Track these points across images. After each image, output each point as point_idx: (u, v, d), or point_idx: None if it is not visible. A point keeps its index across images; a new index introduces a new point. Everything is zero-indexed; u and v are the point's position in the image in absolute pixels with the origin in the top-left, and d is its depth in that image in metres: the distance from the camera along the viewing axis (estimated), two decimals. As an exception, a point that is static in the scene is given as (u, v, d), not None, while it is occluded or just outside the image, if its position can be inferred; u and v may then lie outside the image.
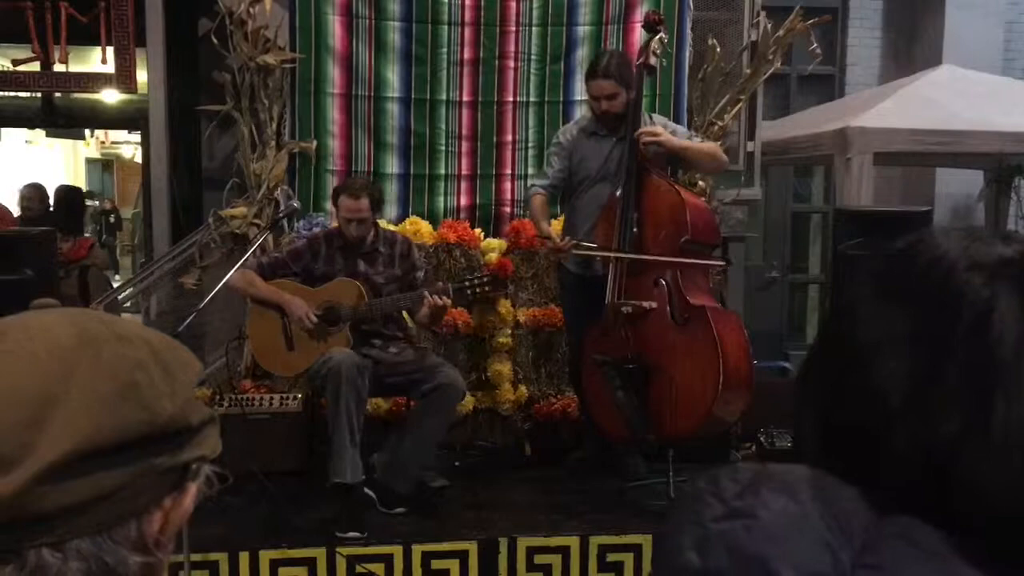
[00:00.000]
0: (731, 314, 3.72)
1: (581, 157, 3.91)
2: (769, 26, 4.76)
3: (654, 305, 3.58)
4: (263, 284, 3.75)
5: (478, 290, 3.63)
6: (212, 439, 0.74)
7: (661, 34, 3.84)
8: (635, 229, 3.67)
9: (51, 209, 5.33)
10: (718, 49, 4.72)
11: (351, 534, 3.37)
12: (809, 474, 0.62)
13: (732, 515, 0.60)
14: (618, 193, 3.72)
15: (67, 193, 5.63)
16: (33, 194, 5.30)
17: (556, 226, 4.44)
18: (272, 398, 4.18)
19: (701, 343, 3.46)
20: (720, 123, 4.72)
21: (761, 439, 4.31)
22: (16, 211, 5.46)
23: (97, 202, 13.97)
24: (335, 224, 4.37)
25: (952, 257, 0.61)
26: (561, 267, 4.11)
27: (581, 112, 4.79)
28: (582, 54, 4.82)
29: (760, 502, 0.60)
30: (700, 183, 4.62)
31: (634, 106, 3.77)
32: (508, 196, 4.84)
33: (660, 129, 3.73)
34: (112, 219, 14.04)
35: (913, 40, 7.56)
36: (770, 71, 4.82)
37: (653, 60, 3.79)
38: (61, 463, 0.62)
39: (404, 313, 3.89)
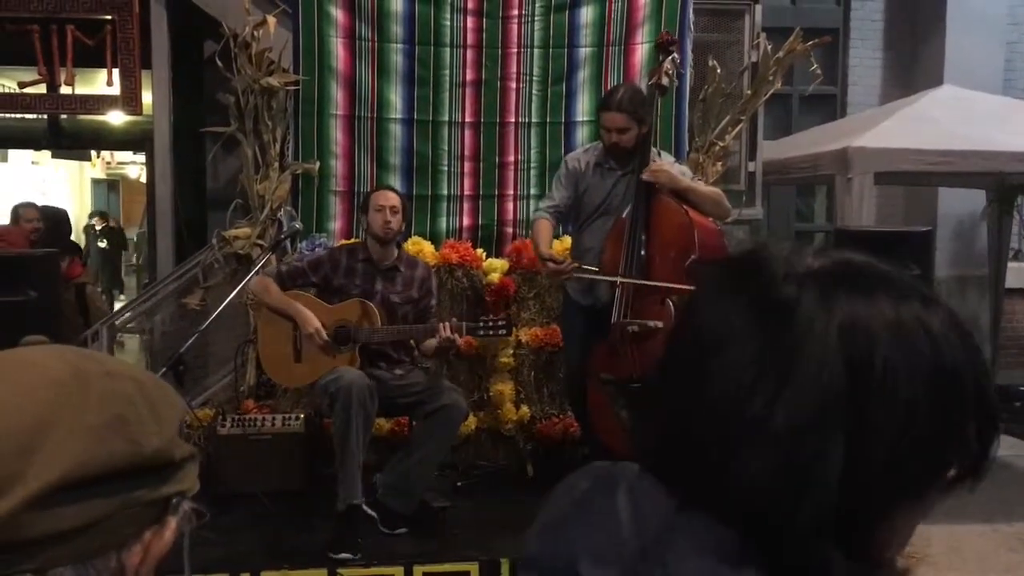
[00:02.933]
0: None
1: (587, 188, 3.87)
2: (769, 47, 4.79)
3: (660, 325, 3.55)
4: (278, 293, 3.75)
5: (491, 332, 3.64)
6: (192, 475, 0.76)
7: (674, 55, 3.83)
8: (643, 252, 3.65)
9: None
10: (719, 70, 4.76)
11: (343, 555, 3.36)
12: (630, 472, 0.71)
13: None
14: (625, 214, 3.71)
15: (54, 215, 5.64)
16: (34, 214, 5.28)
17: (558, 247, 4.45)
18: (274, 418, 4.18)
19: None
20: (721, 144, 4.75)
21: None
22: None
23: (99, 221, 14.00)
24: (340, 243, 4.41)
25: (773, 268, 0.69)
26: (564, 293, 4.09)
27: (583, 133, 4.83)
28: (583, 75, 4.86)
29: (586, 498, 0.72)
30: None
31: (644, 137, 3.74)
32: (510, 216, 4.86)
33: (667, 166, 3.71)
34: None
35: (914, 60, 7.61)
36: (770, 92, 4.85)
37: (665, 81, 3.78)
38: (49, 491, 0.64)
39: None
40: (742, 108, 4.80)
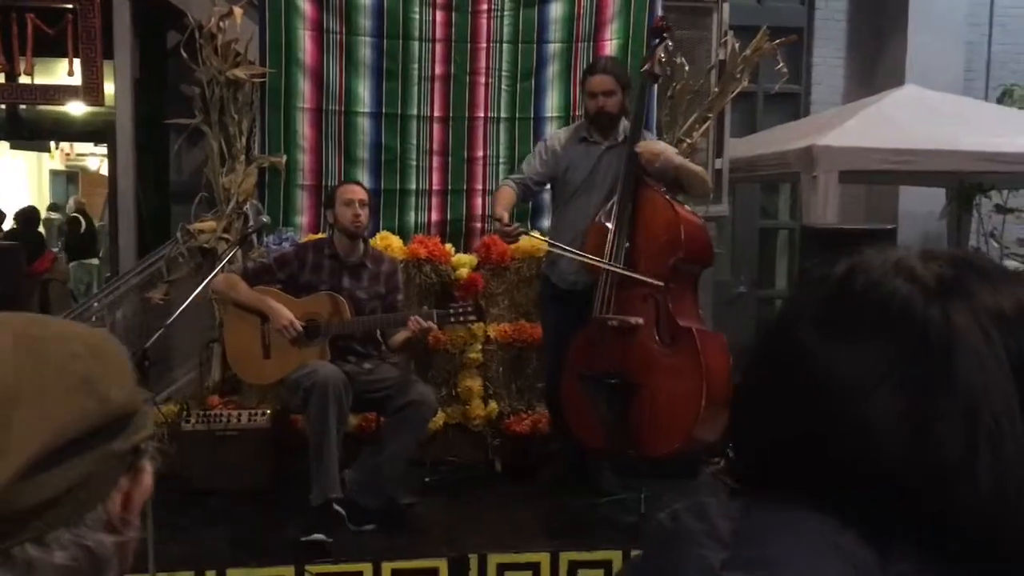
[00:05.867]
0: (717, 336, 3.67)
1: (568, 164, 3.89)
2: (737, 45, 4.83)
3: (641, 321, 3.55)
4: (246, 288, 3.71)
5: (462, 318, 3.61)
6: (151, 418, 0.78)
7: (667, 41, 3.81)
8: (627, 245, 3.64)
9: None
10: (687, 67, 4.78)
11: (316, 536, 3.33)
12: (813, 519, 0.62)
13: (744, 565, 0.61)
14: (610, 205, 3.70)
15: (31, 213, 5.57)
16: None
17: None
18: (240, 414, 4.13)
19: (686, 365, 3.44)
20: (689, 140, 4.77)
21: (730, 454, 4.32)
22: None
23: (59, 215, 13.75)
24: (307, 238, 4.37)
25: (903, 291, 0.63)
26: (545, 280, 4.08)
27: (551, 128, 4.82)
28: (552, 71, 4.86)
29: (774, 553, 0.61)
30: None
31: (635, 118, 3.76)
32: (479, 211, 4.85)
33: (664, 146, 3.72)
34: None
35: (876, 60, 7.70)
36: (738, 89, 4.88)
37: (658, 69, 3.79)
38: (35, 460, 0.65)
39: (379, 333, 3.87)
40: (709, 105, 4.83)
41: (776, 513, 0.64)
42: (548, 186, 4.14)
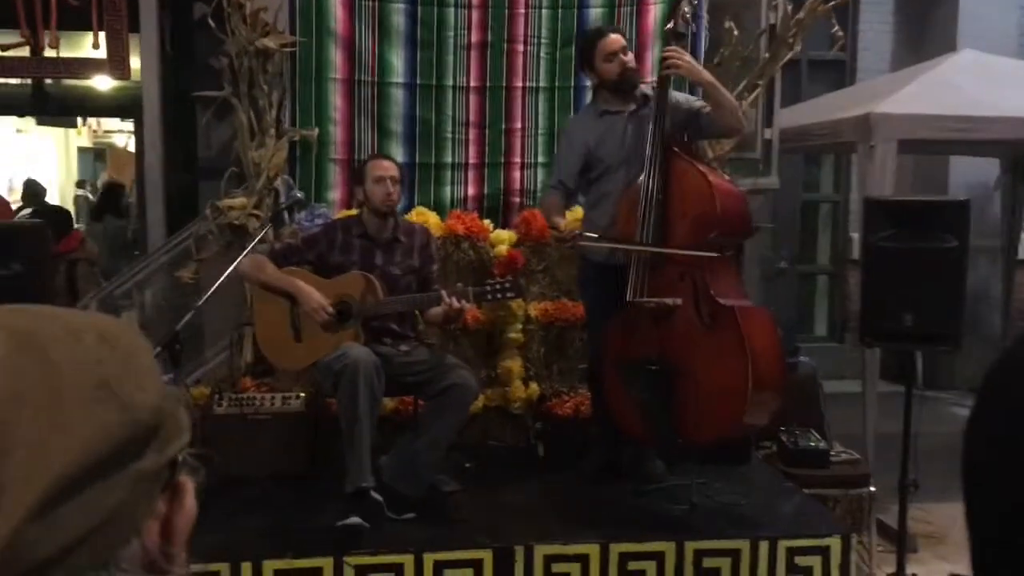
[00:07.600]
0: (762, 312, 3.42)
1: (597, 142, 3.70)
2: (789, 8, 4.58)
3: (679, 302, 3.35)
4: (275, 270, 3.56)
5: (499, 295, 3.43)
6: (184, 419, 0.64)
7: None
8: (660, 222, 3.42)
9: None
10: (735, 32, 4.54)
11: (352, 520, 3.18)
12: None
13: None
14: (640, 181, 3.51)
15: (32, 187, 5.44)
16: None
17: (568, 216, 4.25)
18: (274, 397, 4.00)
19: (729, 346, 3.21)
20: (738, 109, 4.54)
21: (783, 439, 4.14)
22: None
23: (86, 191, 13.71)
24: (340, 215, 4.21)
25: None
26: (581, 258, 3.89)
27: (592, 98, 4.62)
28: (594, 38, 4.63)
29: None
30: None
31: (660, 79, 3.54)
32: (517, 185, 4.66)
33: (688, 57, 3.51)
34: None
35: (925, 24, 7.41)
36: (789, 55, 4.64)
37: (682, 26, 3.57)
38: (49, 494, 0.51)
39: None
40: (759, 72, 4.59)
41: None
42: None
